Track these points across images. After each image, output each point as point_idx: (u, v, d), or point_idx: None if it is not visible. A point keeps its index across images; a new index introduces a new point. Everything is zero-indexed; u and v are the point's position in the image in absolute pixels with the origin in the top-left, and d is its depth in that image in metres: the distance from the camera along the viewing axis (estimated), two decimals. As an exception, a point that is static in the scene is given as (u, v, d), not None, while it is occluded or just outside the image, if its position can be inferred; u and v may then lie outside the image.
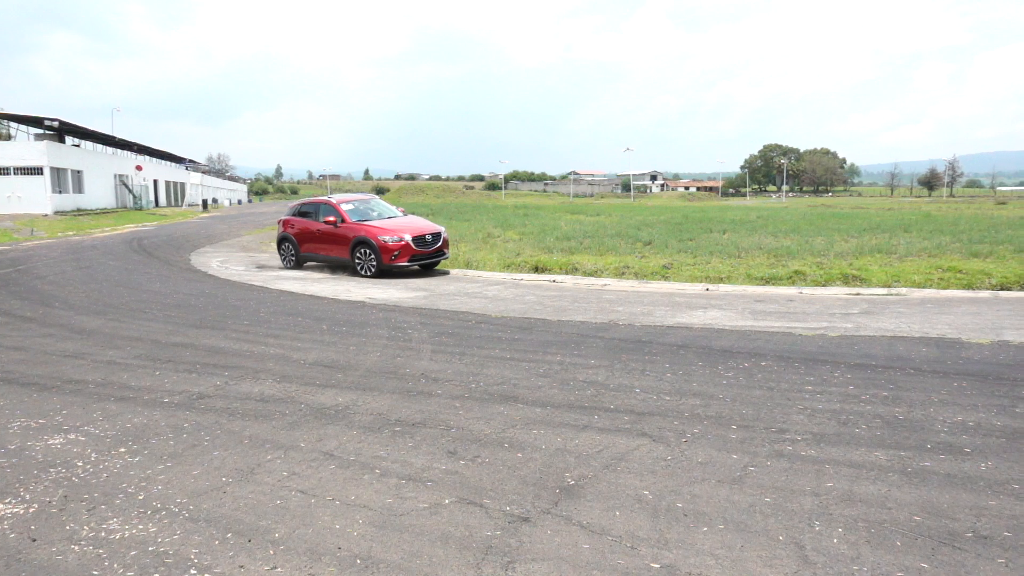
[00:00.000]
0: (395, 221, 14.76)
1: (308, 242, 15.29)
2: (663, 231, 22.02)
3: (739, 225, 25.44)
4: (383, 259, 13.69)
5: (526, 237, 20.96)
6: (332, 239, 14.66)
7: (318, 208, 15.35)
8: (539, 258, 15.17)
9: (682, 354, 6.87)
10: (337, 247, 14.61)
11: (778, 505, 3.53)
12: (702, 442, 4.44)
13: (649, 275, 13.00)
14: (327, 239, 14.78)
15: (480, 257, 15.89)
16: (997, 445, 4.28)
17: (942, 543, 3.13)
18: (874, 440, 4.41)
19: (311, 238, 15.19)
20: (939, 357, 6.57)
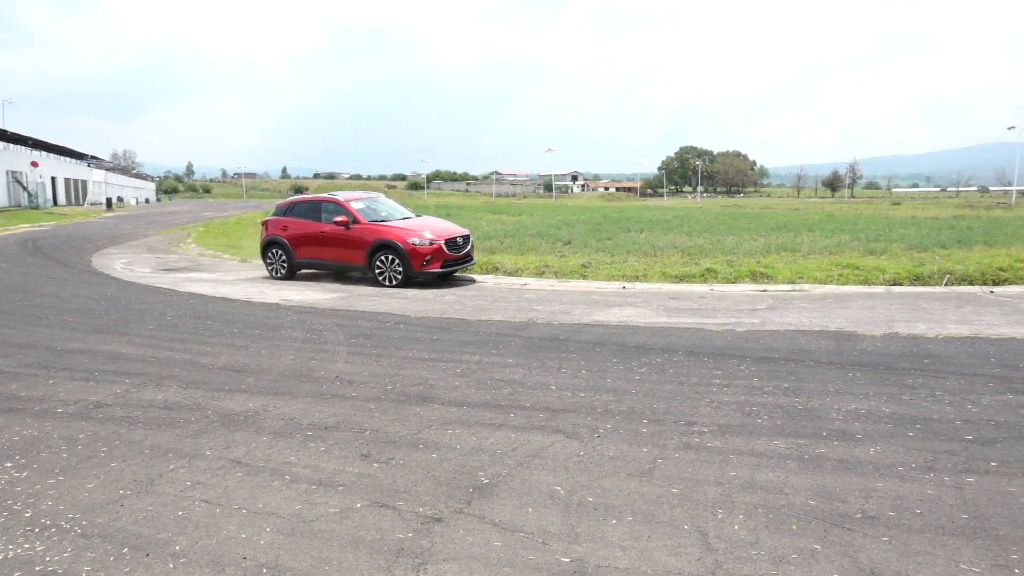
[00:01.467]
0: (416, 222, 13.24)
1: (306, 246, 13.23)
2: (583, 231, 22.38)
3: (656, 225, 26.12)
4: (412, 265, 12.01)
5: (447, 237, 20.87)
6: (342, 243, 12.73)
7: (319, 207, 13.32)
8: (460, 258, 15.13)
9: (598, 351, 7.00)
10: (349, 252, 12.70)
11: (684, 495, 3.65)
12: (614, 437, 4.54)
13: (568, 274, 13.18)
14: (335, 243, 12.82)
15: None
16: (885, 431, 4.55)
17: (834, 524, 3.31)
18: (775, 429, 4.61)
19: (311, 242, 13.13)
20: (837, 349, 6.94)
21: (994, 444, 4.29)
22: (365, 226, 12.67)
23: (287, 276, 13.48)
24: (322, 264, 13.35)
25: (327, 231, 12.93)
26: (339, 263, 13.07)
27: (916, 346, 7.02)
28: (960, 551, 3.05)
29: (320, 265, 13.41)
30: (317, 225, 13.11)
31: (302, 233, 13.29)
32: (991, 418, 4.75)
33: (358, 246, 12.58)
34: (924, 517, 3.37)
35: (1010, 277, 11.42)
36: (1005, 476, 3.82)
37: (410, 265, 12.02)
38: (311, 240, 13.18)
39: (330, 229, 12.89)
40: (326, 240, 12.96)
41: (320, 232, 13.02)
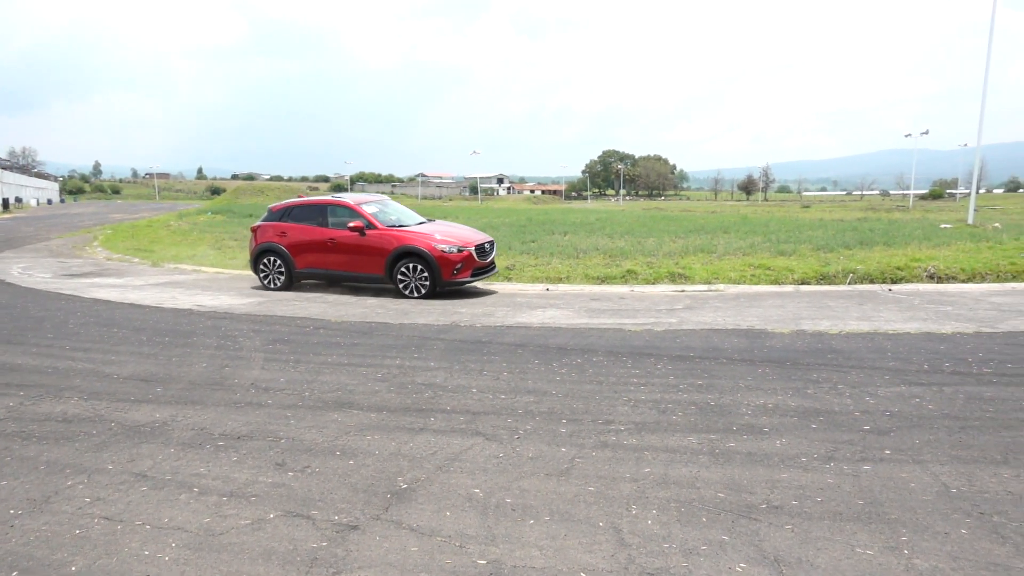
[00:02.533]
0: (435, 227, 12.22)
1: (310, 254, 11.91)
2: (508, 233, 22.49)
3: (579, 227, 26.51)
4: (442, 274, 11.02)
5: (371, 240, 20.59)
6: (356, 251, 11.52)
7: (324, 211, 12.09)
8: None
9: (520, 353, 7.04)
10: (364, 260, 11.50)
11: (600, 493, 3.72)
12: (533, 438, 4.58)
13: (493, 276, 13.21)
14: (347, 251, 11.60)
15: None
16: (791, 424, 4.76)
17: (741, 515, 3.43)
18: (688, 426, 4.76)
19: (316, 249, 11.83)
20: (748, 347, 7.21)
21: (888, 433, 4.55)
22: (384, 232, 11.48)
23: (285, 287, 12.08)
24: (330, 274, 11.98)
25: (337, 238, 11.64)
26: (351, 273, 11.76)
27: (821, 342, 7.37)
28: (856, 535, 3.22)
29: (327, 275, 12.02)
30: (323, 231, 11.82)
31: (305, 240, 11.93)
32: (886, 409, 5.04)
33: (375, 254, 11.38)
34: (824, 505, 3.54)
35: (906, 276, 12.16)
36: (897, 463, 4.06)
37: (439, 275, 11.02)
38: (316, 247, 11.85)
39: (341, 235, 11.60)
40: (336, 247, 11.67)
41: (328, 239, 11.71)
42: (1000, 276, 12.17)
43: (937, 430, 4.59)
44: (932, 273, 12.16)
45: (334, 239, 11.67)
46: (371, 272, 11.52)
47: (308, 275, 12.06)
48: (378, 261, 11.37)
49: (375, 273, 11.48)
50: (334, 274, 11.90)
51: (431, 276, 11.02)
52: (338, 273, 11.86)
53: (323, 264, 11.86)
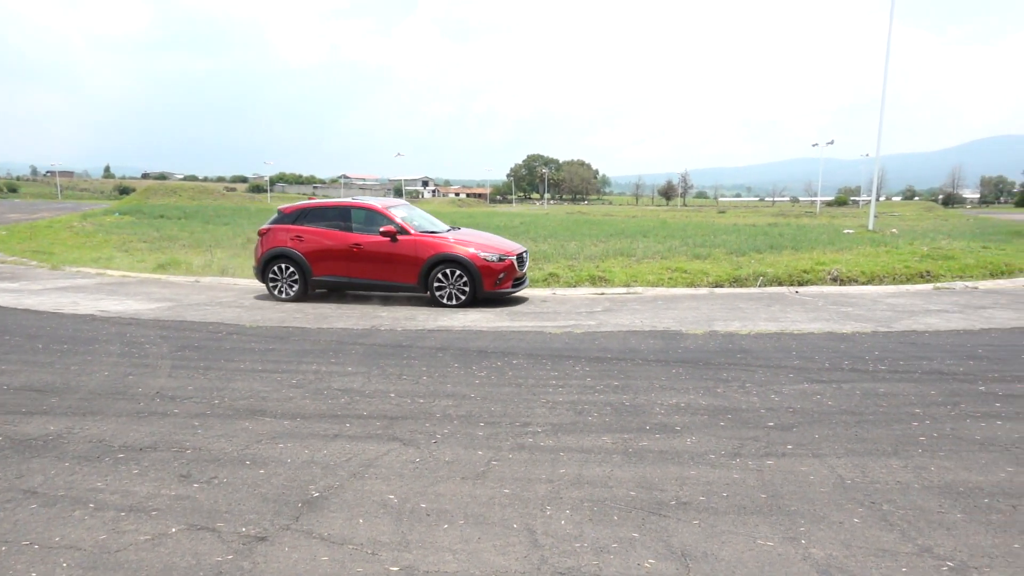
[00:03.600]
0: (469, 235, 11.54)
1: (330, 261, 10.95)
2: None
3: (503, 231, 26.61)
4: (484, 284, 10.47)
5: (290, 242, 20.08)
6: (387, 258, 10.73)
7: (347, 214, 11.20)
8: (302, 264, 14.60)
9: (440, 356, 7.01)
10: (395, 269, 10.73)
11: (515, 495, 3.73)
12: (451, 441, 4.56)
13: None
14: (376, 258, 10.77)
15: (237, 264, 14.88)
16: (701, 422, 4.92)
17: (651, 513, 3.52)
18: (603, 426, 4.84)
19: (339, 256, 10.91)
20: (663, 348, 7.41)
21: (791, 429, 4.76)
22: (417, 239, 10.77)
23: (299, 296, 11.05)
24: (352, 283, 11.06)
25: (365, 243, 10.79)
26: (379, 281, 10.94)
27: (731, 342, 7.65)
28: (758, 528, 3.35)
29: (349, 284, 11.11)
30: (347, 236, 10.94)
31: (325, 246, 10.98)
32: (790, 405, 5.28)
33: (408, 262, 10.66)
34: (729, 499, 3.67)
35: (812, 278, 12.78)
36: (798, 457, 4.25)
37: (482, 284, 10.49)
38: (339, 254, 10.92)
39: (369, 241, 10.79)
40: (362, 255, 10.81)
41: (353, 245, 10.83)
42: (896, 279, 12.96)
43: (835, 425, 4.83)
44: (835, 276, 12.82)
45: (361, 245, 10.82)
46: (402, 280, 10.80)
47: (326, 283, 11.16)
48: (411, 269, 10.70)
49: (407, 282, 10.77)
50: (358, 282, 11.04)
51: (472, 285, 10.51)
52: (363, 281, 11.00)
53: (346, 272, 10.97)
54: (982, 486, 3.83)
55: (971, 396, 5.50)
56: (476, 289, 10.50)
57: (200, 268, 14.50)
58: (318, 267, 10.99)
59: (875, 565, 3.01)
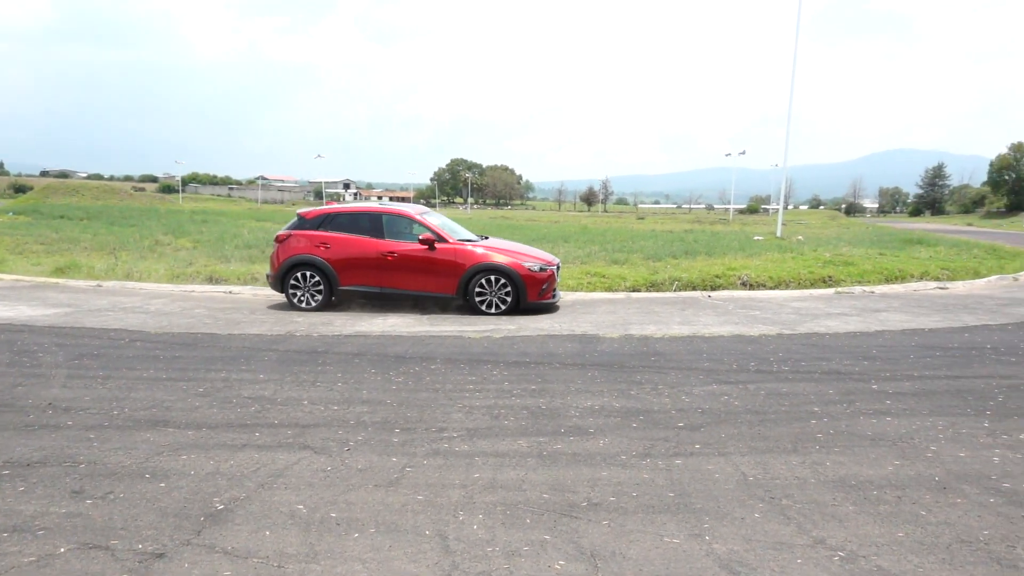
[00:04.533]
0: (502, 243, 11.33)
1: (360, 270, 10.44)
2: (351, 240, 21.99)
3: (426, 234, 26.48)
4: (529, 295, 10.23)
5: (202, 245, 19.32)
6: (424, 267, 10.34)
7: (380, 221, 10.68)
8: (214, 268, 14.09)
9: (356, 362, 6.89)
10: (433, 277, 10.36)
11: (429, 501, 3.71)
12: (364, 449, 4.49)
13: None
14: (412, 267, 10.36)
15: (144, 268, 14.21)
16: (614, 424, 5.02)
17: (563, 515, 3.56)
18: (519, 430, 4.87)
19: (370, 265, 10.42)
20: (580, 351, 7.53)
21: (699, 429, 4.92)
22: (457, 247, 10.47)
23: (322, 306, 10.48)
24: (384, 292, 10.51)
25: (400, 252, 10.37)
26: (414, 291, 10.49)
27: (646, 346, 7.85)
28: (665, 526, 3.45)
29: (380, 294, 10.54)
30: (379, 244, 10.46)
31: (355, 254, 10.47)
32: (699, 406, 5.46)
33: (447, 271, 10.32)
34: (639, 499, 3.76)
35: (723, 283, 13.26)
36: (705, 456, 4.40)
37: (525, 294, 10.25)
38: (370, 262, 10.43)
39: (404, 249, 10.39)
40: (396, 264, 10.37)
41: (386, 253, 10.37)
42: (801, 283, 13.60)
43: (740, 424, 5.02)
44: (745, 281, 13.35)
45: (396, 253, 10.38)
46: (439, 291, 10.44)
47: (354, 293, 10.61)
48: (450, 278, 10.36)
49: (444, 292, 10.42)
50: (390, 292, 10.54)
51: (515, 295, 10.28)
52: (396, 291, 10.53)
53: (377, 281, 10.49)
54: (872, 479, 4.07)
55: (865, 394, 5.83)
56: (520, 299, 10.30)
57: (103, 272, 13.76)
58: (346, 276, 10.47)
59: (772, 558, 3.14)
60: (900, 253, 19.42)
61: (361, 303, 10.51)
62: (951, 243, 24.26)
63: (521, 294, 10.23)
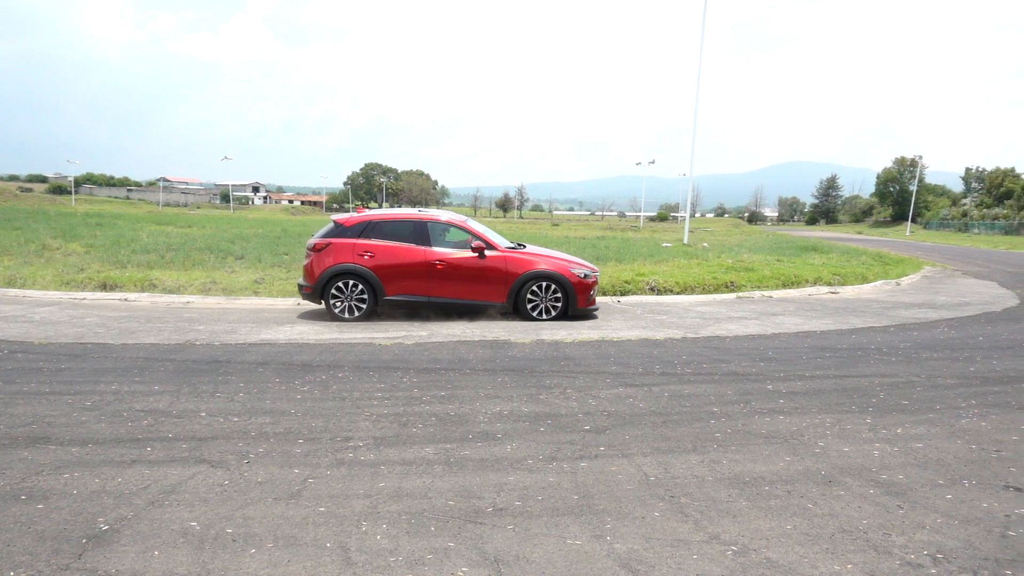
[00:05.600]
0: (542, 250, 11.04)
1: (407, 279, 10.13)
2: (259, 245, 21.27)
3: (338, 240, 25.93)
4: (578, 301, 10.32)
5: (95, 250, 18.21)
6: (473, 275, 10.20)
7: (425, 229, 10.41)
8: (108, 274, 13.31)
9: (260, 372, 6.66)
10: (481, 285, 10.24)
11: (331, 513, 3.62)
12: (265, 461, 4.33)
13: (239, 291, 12.39)
14: (461, 275, 10.18)
15: (28, 273, 13.26)
16: (522, 428, 5.06)
17: (468, 521, 3.55)
18: (427, 437, 4.83)
19: (417, 274, 10.13)
20: (491, 357, 7.55)
21: (605, 431, 5.02)
22: (507, 255, 10.38)
23: (364, 316, 10.10)
24: (432, 302, 10.26)
25: (449, 260, 10.18)
26: (462, 300, 10.30)
27: (556, 350, 7.96)
28: (569, 528, 3.49)
29: (428, 303, 10.28)
30: (426, 252, 10.21)
31: (401, 262, 10.16)
32: (605, 409, 5.57)
33: (499, 279, 10.24)
34: (544, 502, 3.79)
35: (632, 288, 13.62)
36: (609, 458, 4.49)
37: (575, 301, 10.32)
38: (416, 271, 10.15)
39: (454, 257, 10.22)
40: (445, 272, 10.16)
41: (434, 262, 10.14)
42: (705, 288, 14.13)
43: (644, 426, 5.16)
44: (653, 286, 13.76)
45: (445, 262, 10.17)
46: (488, 299, 10.32)
47: (400, 302, 10.27)
48: (500, 286, 10.26)
49: (495, 300, 10.31)
50: (438, 301, 10.28)
51: (565, 301, 10.32)
52: (444, 300, 10.27)
53: (425, 290, 10.20)
54: (764, 475, 4.26)
55: (760, 394, 6.11)
56: (569, 306, 10.35)
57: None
58: (392, 286, 10.15)
59: (670, 555, 3.24)
60: (796, 259, 20.51)
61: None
62: (842, 250, 25.83)
63: (571, 301, 10.33)
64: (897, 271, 19.14)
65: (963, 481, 4.21)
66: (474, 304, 10.37)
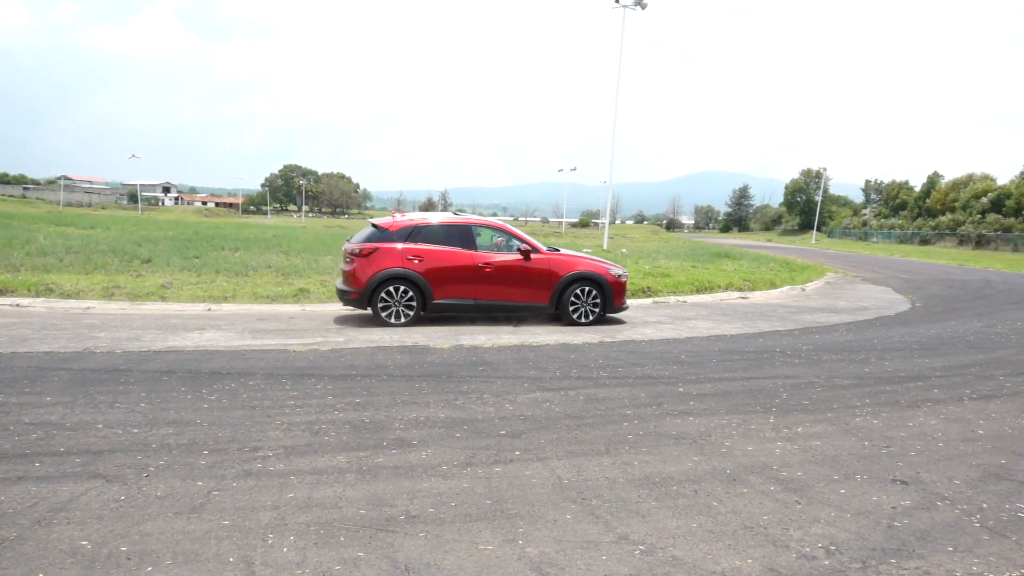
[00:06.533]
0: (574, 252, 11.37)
1: (455, 284, 10.21)
2: (168, 247, 20.39)
3: (253, 243, 25.15)
4: (615, 301, 10.73)
5: (-15, 252, 17.01)
6: (519, 277, 10.40)
7: (469, 233, 10.53)
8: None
9: (165, 380, 6.37)
10: (526, 288, 10.44)
11: (236, 526, 3.49)
12: (166, 474, 4.14)
13: (145, 296, 11.82)
14: (507, 278, 10.36)
15: (-94, 277, 12.26)
16: (438, 435, 5.02)
17: (379, 530, 3.50)
18: (340, 445, 4.74)
19: (466, 277, 10.23)
20: (410, 362, 7.48)
21: (520, 436, 5.05)
22: (550, 257, 10.63)
23: (412, 321, 10.14)
24: (479, 305, 10.35)
25: (496, 263, 10.34)
26: (509, 303, 10.49)
27: (476, 355, 7.96)
28: (481, 533, 3.49)
29: (476, 306, 10.36)
30: (473, 256, 10.32)
31: (450, 266, 10.21)
32: (522, 413, 5.61)
33: (543, 282, 10.49)
34: (457, 508, 3.78)
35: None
36: (524, 462, 4.52)
37: (612, 301, 10.71)
38: (465, 275, 10.24)
39: (501, 261, 10.39)
40: (492, 275, 10.30)
41: (482, 265, 10.28)
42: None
43: (559, 429, 5.22)
44: (572, 291, 13.94)
45: (492, 264, 10.33)
46: (533, 301, 10.56)
47: (447, 306, 10.28)
48: (544, 288, 10.52)
49: (539, 301, 10.57)
50: (485, 304, 10.40)
51: (603, 302, 10.65)
52: (491, 303, 10.42)
53: (473, 294, 10.31)
54: (673, 475, 4.38)
55: (672, 397, 6.29)
56: (607, 306, 10.69)
57: None
58: (441, 290, 10.20)
59: (580, 556, 3.28)
60: (710, 266, 21.24)
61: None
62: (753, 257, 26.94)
63: (608, 301, 10.69)
64: (803, 277, 20.11)
65: (856, 476, 4.45)
66: (519, 306, 10.59)
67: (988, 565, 3.31)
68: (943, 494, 4.19)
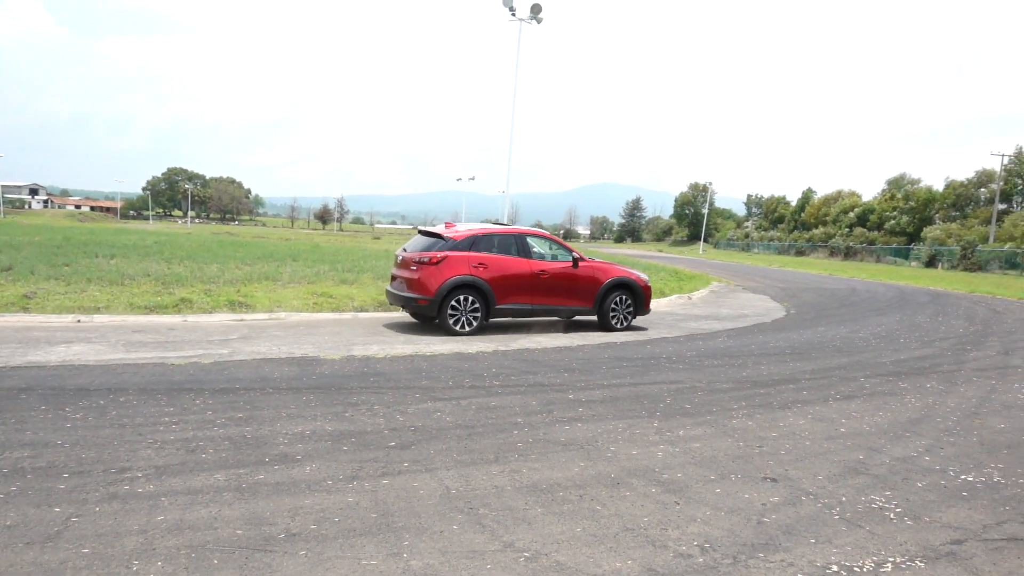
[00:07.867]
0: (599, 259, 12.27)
1: (514, 291, 10.70)
2: (33, 254, 18.84)
3: (132, 250, 23.65)
4: (645, 305, 11.79)
5: None
6: (569, 284, 11.13)
7: (524, 241, 11.11)
8: None
9: (23, 399, 5.86)
10: (574, 294, 11.20)
11: (96, 554, 3.25)
12: (19, 500, 3.81)
13: (3, 307, 10.85)
14: (559, 284, 11.04)
15: None
16: (324, 448, 4.89)
17: (257, 550, 3.35)
18: (218, 463, 4.51)
19: (524, 284, 10.77)
20: (298, 375, 7.24)
21: (410, 447, 4.99)
22: (593, 264, 11.48)
23: (477, 329, 10.53)
24: (534, 310, 10.98)
25: (551, 271, 11.00)
26: (557, 307, 11.21)
27: (367, 366, 7.81)
28: (365, 548, 3.42)
29: (531, 311, 10.97)
30: (531, 263, 10.91)
31: (511, 273, 10.67)
32: (412, 424, 5.55)
33: (588, 288, 11.30)
34: (341, 524, 3.68)
35: (448, 303, 13.72)
36: (413, 474, 4.47)
37: (643, 304, 11.73)
38: (525, 283, 10.78)
39: (555, 268, 11.07)
40: (547, 282, 10.93)
41: (538, 272, 10.87)
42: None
43: (449, 439, 5.20)
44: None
45: (546, 272, 10.95)
46: (580, 305, 11.31)
47: (506, 312, 10.78)
48: (589, 294, 11.30)
49: (585, 306, 11.34)
50: (540, 309, 11.03)
51: (635, 306, 11.61)
52: (546, 308, 11.08)
53: (529, 299, 10.88)
54: (560, 481, 4.46)
55: (562, 404, 6.40)
56: (638, 309, 11.65)
57: None
58: (502, 297, 10.64)
59: (465, 566, 3.27)
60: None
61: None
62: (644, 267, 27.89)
63: (639, 306, 11.69)
64: (690, 286, 21.04)
65: (731, 475, 4.69)
66: (569, 311, 11.36)
67: (845, 554, 3.56)
68: (808, 489, 4.48)
